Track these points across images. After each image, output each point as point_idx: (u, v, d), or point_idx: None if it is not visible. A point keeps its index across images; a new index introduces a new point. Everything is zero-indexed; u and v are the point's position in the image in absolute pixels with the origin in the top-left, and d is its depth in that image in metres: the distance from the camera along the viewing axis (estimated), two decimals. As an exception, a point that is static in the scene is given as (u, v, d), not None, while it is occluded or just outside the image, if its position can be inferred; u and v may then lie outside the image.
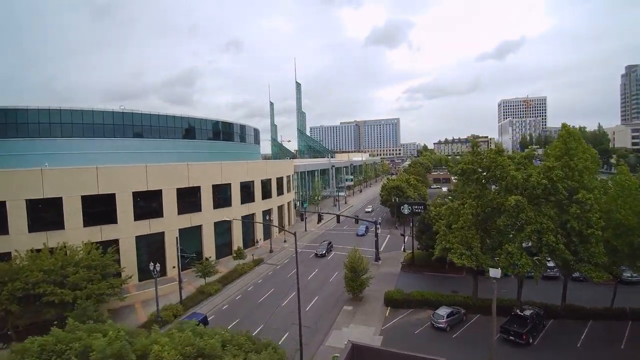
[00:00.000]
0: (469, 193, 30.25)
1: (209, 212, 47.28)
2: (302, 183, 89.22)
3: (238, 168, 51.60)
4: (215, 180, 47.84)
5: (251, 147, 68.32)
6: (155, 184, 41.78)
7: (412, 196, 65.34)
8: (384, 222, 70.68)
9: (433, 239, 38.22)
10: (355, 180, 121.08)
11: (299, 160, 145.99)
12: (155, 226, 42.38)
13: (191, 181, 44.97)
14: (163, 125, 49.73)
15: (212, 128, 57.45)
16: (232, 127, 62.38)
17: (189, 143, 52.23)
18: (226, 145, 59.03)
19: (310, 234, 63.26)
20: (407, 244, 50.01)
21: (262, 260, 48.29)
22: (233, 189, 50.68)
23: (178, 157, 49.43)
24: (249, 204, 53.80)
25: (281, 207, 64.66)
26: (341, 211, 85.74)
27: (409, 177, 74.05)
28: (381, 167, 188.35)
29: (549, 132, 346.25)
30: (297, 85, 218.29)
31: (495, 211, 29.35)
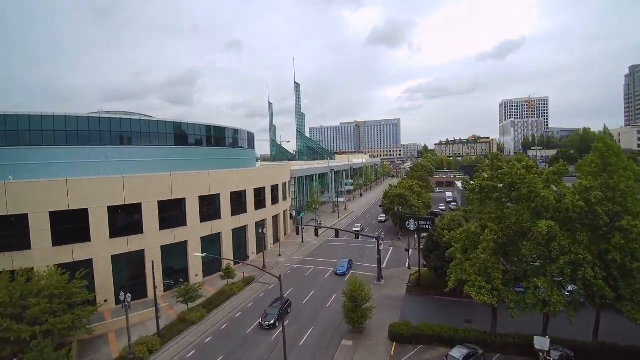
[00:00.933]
0: (487, 214, 26.13)
1: (195, 226, 43.20)
2: (299, 189, 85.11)
3: (228, 177, 47.50)
4: (202, 191, 43.73)
5: (245, 153, 64.20)
6: (133, 196, 37.71)
7: (416, 205, 61.24)
8: (386, 232, 66.52)
9: (443, 259, 34.20)
10: (355, 185, 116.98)
11: (297, 163, 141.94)
12: (134, 243, 38.35)
13: (175, 193, 40.89)
14: (146, 131, 45.59)
15: (202, 133, 53.29)
16: (224, 132, 58.22)
17: (176, 150, 48.09)
18: (218, 151, 54.89)
19: (307, 246, 59.14)
20: (413, 260, 45.91)
21: (254, 279, 44.17)
22: (223, 200, 46.60)
23: (163, 166, 45.32)
24: (240, 216, 49.71)
25: (276, 217, 60.55)
26: (340, 218, 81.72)
27: (412, 183, 69.89)
28: (382, 170, 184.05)
29: (551, 132, 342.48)
30: (296, 86, 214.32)
31: (519, 234, 25.26)
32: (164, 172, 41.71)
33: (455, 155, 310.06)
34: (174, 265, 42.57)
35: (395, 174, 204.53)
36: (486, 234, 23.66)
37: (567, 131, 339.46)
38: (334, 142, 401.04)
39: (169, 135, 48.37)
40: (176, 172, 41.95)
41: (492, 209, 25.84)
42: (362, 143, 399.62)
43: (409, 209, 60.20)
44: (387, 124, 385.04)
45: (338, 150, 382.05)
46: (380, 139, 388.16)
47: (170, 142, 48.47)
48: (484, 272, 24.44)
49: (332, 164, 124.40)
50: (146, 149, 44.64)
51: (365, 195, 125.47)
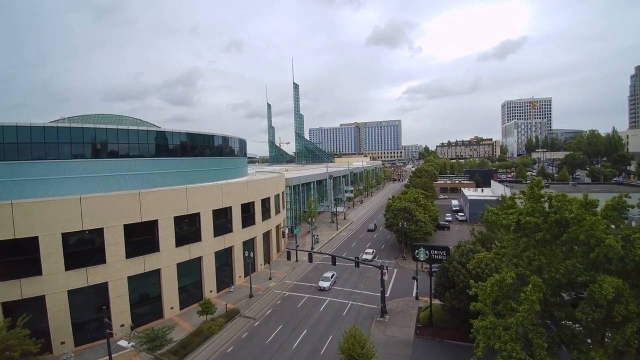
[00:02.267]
0: (526, 258, 20.25)
1: (169, 251, 37.36)
2: (295, 198, 79.20)
3: (210, 193, 41.64)
4: (178, 211, 37.89)
5: (235, 162, 58.27)
6: (94, 221, 31.96)
7: (423, 219, 55.32)
8: (388, 248, 60.65)
9: (461, 299, 28.36)
10: (355, 191, 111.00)
11: (295, 167, 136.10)
12: (96, 275, 32.60)
13: (145, 214, 35.05)
14: (114, 141, 39.62)
15: (185, 142, 47.34)
16: (211, 140, 52.25)
17: (153, 163, 42.13)
18: (203, 162, 48.87)
19: (301, 266, 53.22)
20: (421, 287, 40.08)
21: (237, 312, 38.25)
22: (203, 220, 40.75)
23: (136, 182, 39.47)
24: (225, 236, 43.86)
25: (268, 233, 54.67)
26: (339, 230, 75.82)
27: (417, 194, 63.98)
28: (383, 173, 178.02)
29: (555, 134, 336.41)
30: (295, 87, 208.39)
31: (567, 288, 19.44)
32: (133, 190, 35.95)
33: (457, 157, 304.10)
34: (147, 293, 36.85)
35: (396, 178, 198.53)
36: (529, 291, 17.76)
37: (571, 133, 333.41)
38: (334, 144, 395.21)
39: (146, 145, 42.42)
40: (147, 190, 36.09)
41: (533, 253, 19.93)
42: (362, 144, 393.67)
43: (414, 225, 54.31)
44: (388, 125, 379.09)
45: (338, 152, 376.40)
46: (381, 140, 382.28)
47: (148, 153, 42.51)
48: (524, 337, 18.58)
49: (331, 168, 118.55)
50: (114, 163, 38.74)
51: (366, 201, 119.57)
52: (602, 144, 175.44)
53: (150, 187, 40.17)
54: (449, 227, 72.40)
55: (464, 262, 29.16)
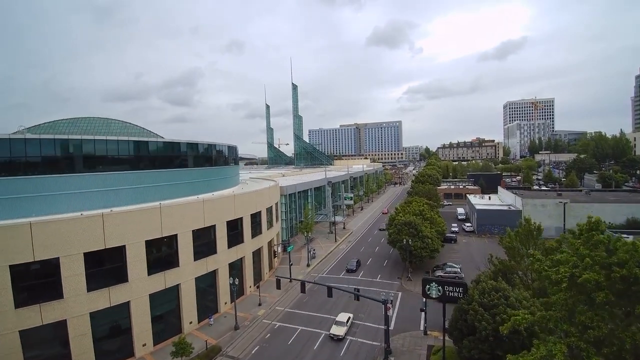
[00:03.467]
0: (580, 324, 15.22)
1: (140, 280, 32.39)
2: (291, 208, 74.21)
3: (189, 210, 36.62)
4: (150, 233, 32.90)
5: (224, 171, 53.23)
6: (48, 250, 27.08)
7: (429, 235, 50.30)
8: (391, 265, 55.58)
9: (482, 349, 23.33)
10: (355, 197, 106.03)
11: (292, 171, 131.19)
12: (51, 313, 27.67)
13: (110, 239, 30.09)
14: (77, 153, 34.53)
15: (165, 151, 42.42)
16: (195, 148, 47.22)
17: (124, 177, 37.11)
18: (186, 173, 43.85)
19: (296, 288, 48.12)
20: (430, 319, 35.03)
21: (219, 350, 33.23)
22: (182, 242, 35.77)
23: (104, 200, 34.53)
24: (207, 259, 38.88)
25: (259, 251, 49.69)
26: (338, 242, 70.79)
27: (422, 206, 58.92)
28: (383, 177, 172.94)
29: (558, 135, 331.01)
30: (294, 87, 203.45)
31: None
32: (97, 211, 31.04)
33: (459, 159, 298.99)
34: (115, 329, 31.95)
35: (397, 181, 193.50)
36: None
37: (574, 134, 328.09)
38: (334, 145, 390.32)
39: (117, 157, 37.41)
40: (113, 210, 31.12)
41: (589, 318, 14.86)
42: (362, 146, 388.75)
43: (420, 241, 49.28)
44: (388, 126, 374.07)
45: (338, 153, 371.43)
46: (381, 141, 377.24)
47: (119, 165, 37.51)
48: None
49: (330, 173, 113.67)
50: (77, 179, 33.69)
51: (367, 208, 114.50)
52: (609, 146, 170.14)
53: (121, 205, 35.40)
54: (456, 239, 67.36)
55: (487, 304, 24.12)
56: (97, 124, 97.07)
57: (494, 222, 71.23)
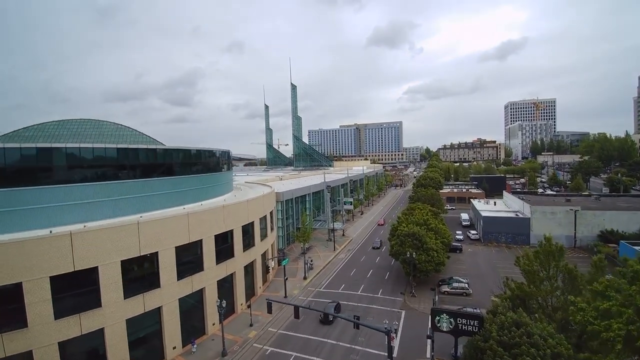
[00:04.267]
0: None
1: (116, 305, 28.98)
2: (288, 214, 70.83)
3: (171, 226, 33.17)
4: (126, 253, 29.49)
5: (215, 178, 49.86)
6: (10, 274, 23.81)
7: (435, 247, 46.93)
8: (394, 278, 52.19)
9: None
10: (355, 201, 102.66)
11: (291, 173, 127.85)
12: (14, 344, 24.33)
13: (79, 261, 26.71)
14: (45, 164, 31.13)
15: (147, 159, 39.02)
16: (183, 155, 43.87)
17: (99, 188, 33.57)
18: (171, 182, 40.37)
19: (295, 302, 44.71)
20: (438, 346, 31.62)
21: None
22: (163, 260, 32.36)
23: (75, 215, 31.19)
24: (193, 277, 35.49)
25: (252, 264, 46.31)
26: (337, 251, 67.40)
27: (425, 214, 55.60)
28: (384, 179, 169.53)
29: (561, 136, 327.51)
30: (293, 88, 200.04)
31: None
32: (66, 227, 27.73)
33: (460, 160, 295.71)
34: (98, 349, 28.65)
35: (398, 183, 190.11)
36: None
37: (577, 135, 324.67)
38: (334, 146, 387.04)
39: (90, 168, 34.00)
40: (78, 229, 27.69)
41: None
42: (362, 146, 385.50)
43: (424, 254, 45.92)
44: (389, 126, 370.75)
45: (338, 154, 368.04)
46: (382, 142, 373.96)
47: (94, 176, 34.08)
48: None
49: (329, 176, 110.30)
50: (44, 192, 30.28)
51: (367, 212, 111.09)
52: (614, 148, 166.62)
53: (98, 220, 32.13)
54: (461, 248, 63.94)
55: (507, 343, 20.74)
56: (89, 126, 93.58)
57: (500, 230, 67.86)
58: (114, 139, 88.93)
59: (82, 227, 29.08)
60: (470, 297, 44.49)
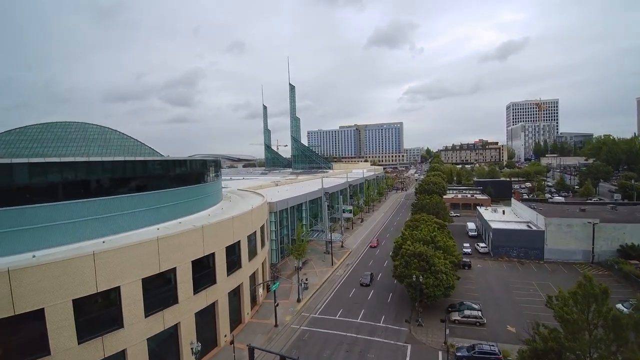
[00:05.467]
0: None
1: (67, 352, 23.90)
2: (282, 225, 65.77)
3: (136, 255, 27.98)
4: (80, 289, 24.40)
5: (201, 190, 44.70)
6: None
7: (444, 269, 41.83)
8: (397, 302, 47.09)
9: None
10: (355, 208, 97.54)
11: (288, 178, 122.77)
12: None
13: (21, 302, 21.64)
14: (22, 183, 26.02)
15: (117, 173, 33.90)
16: (161, 167, 38.74)
17: (56, 209, 28.57)
18: (146, 198, 35.20)
19: (283, 334, 39.76)
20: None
21: None
22: (127, 295, 27.26)
23: (27, 242, 26.16)
24: (165, 311, 30.40)
25: (239, 288, 41.21)
26: (335, 266, 62.30)
27: (432, 229, 50.48)
28: (385, 183, 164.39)
29: (564, 137, 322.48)
30: (291, 88, 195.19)
31: None
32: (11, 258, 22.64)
33: (462, 162, 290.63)
34: None
35: (399, 186, 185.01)
36: None
37: (580, 136, 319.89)
38: (333, 147, 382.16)
39: (47, 185, 28.94)
40: (33, 260, 22.61)
41: None
42: (362, 147, 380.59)
43: (432, 277, 40.85)
44: (389, 127, 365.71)
45: (337, 155, 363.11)
46: (382, 143, 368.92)
47: (52, 194, 28.99)
48: None
49: (328, 180, 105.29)
50: None
51: (368, 219, 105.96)
52: (622, 151, 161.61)
53: (48, 248, 27.05)
54: (470, 264, 58.80)
55: None
56: (73, 129, 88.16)
57: (512, 244, 62.77)
58: (98, 142, 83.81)
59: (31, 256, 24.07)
60: (484, 327, 39.42)
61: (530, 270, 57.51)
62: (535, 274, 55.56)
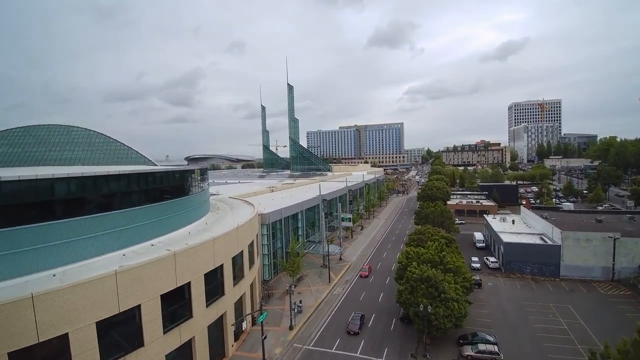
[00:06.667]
0: None
1: None
2: (275, 238, 60.75)
3: (91, 291, 22.94)
4: (16, 341, 19.43)
5: (183, 204, 39.74)
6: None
7: (455, 296, 36.76)
8: (402, 330, 42.04)
9: None
10: (354, 215, 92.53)
11: (285, 182, 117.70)
12: None
13: None
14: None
15: (82, 191, 28.96)
16: (128, 182, 33.59)
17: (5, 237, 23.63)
18: (106, 220, 29.87)
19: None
20: None
21: None
22: (76, 341, 22.24)
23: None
24: (128, 357, 25.36)
25: (221, 319, 36.13)
26: (333, 284, 57.20)
27: (440, 245, 45.42)
28: (386, 186, 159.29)
29: (567, 139, 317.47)
30: (289, 88, 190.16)
31: None
32: None
33: (464, 163, 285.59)
34: None
35: (401, 190, 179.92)
36: None
37: (584, 137, 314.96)
38: (333, 147, 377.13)
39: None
40: None
41: None
42: (362, 148, 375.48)
43: (442, 306, 35.80)
44: (390, 128, 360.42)
45: (337, 156, 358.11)
46: (382, 144, 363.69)
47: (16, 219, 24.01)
48: None
49: (326, 186, 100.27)
50: None
51: (368, 226, 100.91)
52: (631, 154, 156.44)
53: None
54: (481, 282, 53.71)
55: None
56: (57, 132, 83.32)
57: (525, 259, 57.72)
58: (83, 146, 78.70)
59: None
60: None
61: (546, 290, 52.49)
62: (552, 295, 50.55)
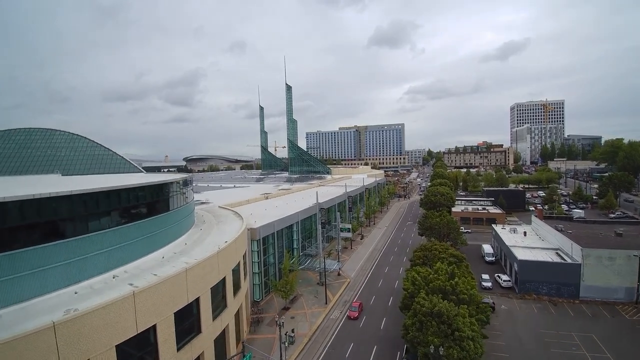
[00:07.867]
0: None
1: None
2: (267, 254, 55.55)
3: (23, 347, 17.82)
4: None
5: (161, 221, 34.80)
6: None
7: (471, 333, 31.60)
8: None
9: None
10: (354, 223, 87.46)
11: (282, 188, 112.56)
12: None
13: None
14: None
15: (18, 218, 23.93)
16: (90, 202, 28.53)
17: None
18: (67, 247, 25.27)
19: None
20: None
21: None
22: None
23: None
24: None
25: (200, 358, 30.98)
26: (330, 304, 51.99)
27: (454, 277, 39.94)
28: (387, 190, 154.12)
29: (571, 140, 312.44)
30: (288, 89, 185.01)
31: None
32: None
33: (467, 165, 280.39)
34: None
35: (402, 193, 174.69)
36: None
37: (588, 138, 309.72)
38: (333, 148, 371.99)
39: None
40: None
41: None
42: (362, 149, 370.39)
43: (457, 347, 30.66)
44: (390, 129, 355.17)
45: (337, 157, 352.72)
46: (383, 145, 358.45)
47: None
48: None
49: (324, 191, 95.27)
50: None
51: (368, 235, 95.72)
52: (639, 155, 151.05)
53: None
54: (494, 306, 48.44)
55: None
56: (38, 136, 78.60)
57: (542, 279, 52.51)
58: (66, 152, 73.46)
59: None
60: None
61: (566, 314, 47.37)
62: (573, 321, 45.42)
